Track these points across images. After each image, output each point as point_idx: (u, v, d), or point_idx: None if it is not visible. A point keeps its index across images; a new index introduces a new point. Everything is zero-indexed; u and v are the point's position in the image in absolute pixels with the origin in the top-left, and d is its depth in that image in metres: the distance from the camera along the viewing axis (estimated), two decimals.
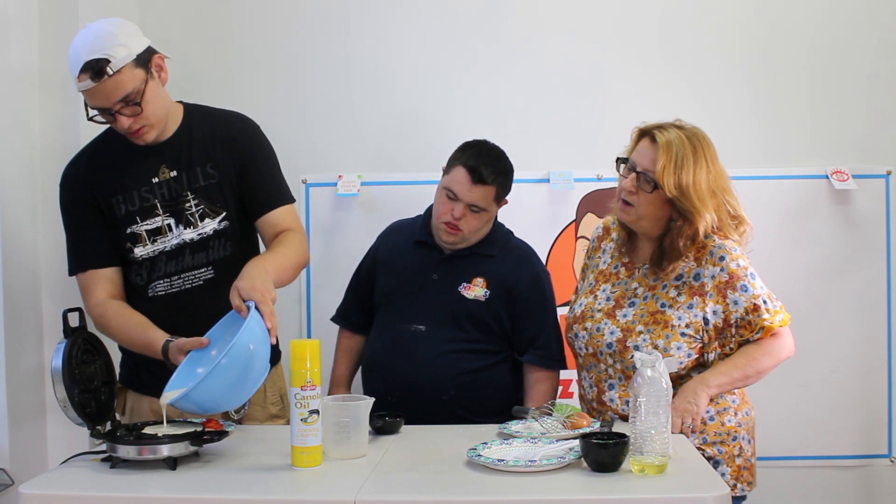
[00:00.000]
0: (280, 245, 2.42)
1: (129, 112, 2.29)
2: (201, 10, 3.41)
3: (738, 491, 2.44)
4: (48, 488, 1.95)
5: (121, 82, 2.25)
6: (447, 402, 2.63)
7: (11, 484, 2.53)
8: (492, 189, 2.66)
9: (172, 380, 2.15)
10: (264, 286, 2.15)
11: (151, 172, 2.41)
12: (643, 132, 2.47)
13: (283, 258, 2.37)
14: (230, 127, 2.49)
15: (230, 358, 2.00)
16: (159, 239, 2.41)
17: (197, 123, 2.46)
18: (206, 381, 1.99)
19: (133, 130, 2.33)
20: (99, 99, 2.27)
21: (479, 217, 2.68)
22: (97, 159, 2.44)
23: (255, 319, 2.06)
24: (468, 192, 2.64)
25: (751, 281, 2.41)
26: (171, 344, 2.22)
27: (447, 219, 2.67)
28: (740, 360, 2.41)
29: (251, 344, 2.04)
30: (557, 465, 1.97)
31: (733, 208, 2.45)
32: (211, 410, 2.10)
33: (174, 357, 2.20)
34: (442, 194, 2.69)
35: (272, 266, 2.29)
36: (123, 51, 2.25)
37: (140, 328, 2.33)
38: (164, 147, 2.42)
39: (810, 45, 3.36)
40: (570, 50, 3.38)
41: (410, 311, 2.69)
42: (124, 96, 2.27)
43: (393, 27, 3.40)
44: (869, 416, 3.37)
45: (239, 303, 2.11)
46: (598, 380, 2.50)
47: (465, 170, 2.65)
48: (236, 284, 2.15)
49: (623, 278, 2.54)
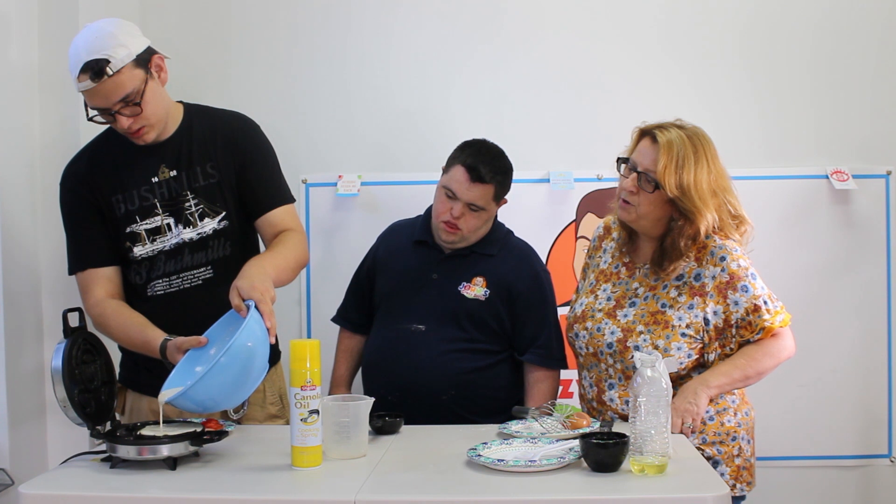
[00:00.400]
0: (279, 245, 2.42)
1: (129, 112, 2.29)
2: (201, 9, 3.41)
3: (738, 491, 2.44)
4: (48, 488, 1.96)
5: (121, 83, 2.25)
6: (447, 402, 2.63)
7: (11, 484, 2.53)
8: (490, 188, 2.66)
9: (170, 378, 2.14)
10: (264, 286, 2.15)
11: (151, 172, 2.41)
12: (644, 132, 2.47)
13: (282, 258, 2.37)
14: (230, 127, 2.49)
15: (229, 356, 1.99)
16: (158, 238, 2.41)
17: (197, 123, 2.46)
18: (204, 380, 1.99)
19: (133, 130, 2.33)
20: (99, 99, 2.27)
21: (478, 216, 2.68)
22: (97, 159, 2.44)
23: (254, 319, 2.06)
24: (466, 190, 2.64)
25: (751, 281, 2.41)
26: (169, 343, 2.22)
27: (446, 218, 2.67)
28: (741, 360, 2.41)
29: (250, 343, 2.04)
30: (557, 465, 1.97)
31: (734, 208, 2.45)
32: (209, 409, 2.10)
33: (172, 356, 2.20)
34: (441, 193, 2.70)
35: (272, 266, 2.28)
36: (123, 51, 2.25)
37: (139, 327, 2.33)
38: (163, 147, 2.42)
39: (811, 45, 3.36)
40: (571, 49, 3.38)
41: (410, 311, 2.70)
42: (124, 96, 2.27)
43: (393, 27, 3.40)
44: (869, 416, 3.37)
45: (238, 302, 2.11)
46: (598, 379, 2.50)
47: (463, 168, 2.65)
48: (236, 284, 2.15)
49: (624, 278, 2.54)
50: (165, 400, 2.05)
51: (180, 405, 2.04)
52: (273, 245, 2.44)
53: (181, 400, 2.02)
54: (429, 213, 2.81)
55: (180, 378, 2.13)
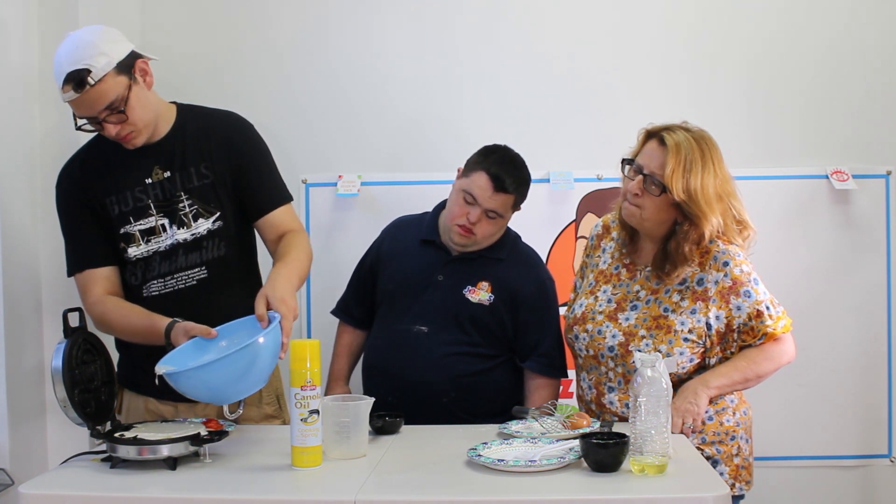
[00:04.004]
0: (294, 251, 2.40)
1: (115, 119, 2.28)
2: (201, 10, 3.40)
3: (737, 490, 2.44)
4: (48, 488, 1.96)
5: (103, 91, 2.24)
6: (447, 405, 2.62)
7: (11, 484, 2.53)
8: (511, 197, 2.65)
9: (169, 355, 2.15)
10: (293, 303, 2.18)
11: (145, 173, 2.41)
12: (650, 133, 2.45)
13: (304, 269, 2.39)
14: (225, 127, 2.48)
15: (242, 353, 2.02)
16: (153, 239, 2.41)
17: (190, 123, 2.45)
18: (210, 367, 2.01)
19: (121, 136, 2.32)
20: (84, 109, 2.27)
21: (494, 223, 2.67)
22: (91, 161, 2.43)
23: (277, 330, 2.09)
24: (489, 198, 2.62)
25: (754, 287, 2.41)
26: (177, 324, 2.22)
27: (462, 221, 2.64)
28: (741, 362, 2.41)
29: (265, 349, 2.06)
30: (557, 465, 1.97)
31: (738, 213, 2.44)
32: (198, 397, 2.11)
33: (176, 338, 2.20)
34: (459, 196, 2.66)
35: (297, 279, 2.32)
36: (104, 59, 2.23)
37: (142, 314, 2.34)
38: (157, 148, 2.41)
39: (811, 45, 3.36)
40: (571, 49, 3.37)
41: (413, 312, 2.68)
42: (108, 104, 2.26)
43: (393, 27, 3.40)
44: (869, 416, 3.37)
45: (263, 312, 2.13)
46: (597, 382, 2.50)
47: (487, 176, 2.61)
48: (266, 293, 2.17)
49: (624, 280, 2.54)
50: (164, 372, 2.05)
51: (175, 380, 2.05)
52: (289, 252, 2.40)
53: (179, 377, 2.03)
54: (437, 212, 2.79)
55: (179, 358, 2.13)
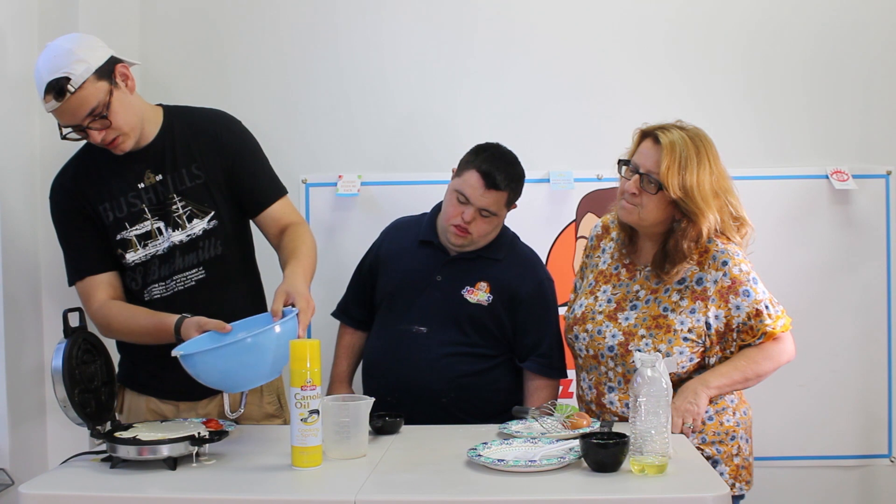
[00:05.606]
0: (304, 245, 2.41)
1: (99, 125, 2.28)
2: (201, 11, 3.40)
3: (737, 490, 2.44)
4: (48, 488, 1.96)
5: (84, 98, 2.24)
6: (446, 405, 2.62)
7: (11, 484, 2.53)
8: (504, 194, 2.65)
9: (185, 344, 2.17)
10: (312, 301, 2.21)
11: (137, 178, 2.40)
12: (645, 133, 2.46)
13: (314, 263, 2.42)
14: (213, 125, 2.47)
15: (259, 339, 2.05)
16: (150, 243, 2.41)
17: (178, 125, 2.44)
18: (227, 348, 2.05)
19: (108, 142, 2.31)
20: (67, 117, 2.26)
21: (489, 221, 2.67)
22: (82, 169, 2.43)
23: (294, 322, 2.12)
24: (481, 196, 2.62)
25: (753, 286, 2.41)
26: (187, 319, 2.23)
27: (457, 221, 2.65)
28: (741, 362, 2.41)
29: (282, 339, 2.08)
30: (557, 465, 1.97)
31: (735, 209, 2.45)
32: (211, 381, 2.12)
33: (187, 332, 2.21)
34: (453, 196, 2.67)
35: (310, 275, 2.35)
36: (82, 66, 2.23)
37: (148, 313, 2.35)
38: (146, 152, 2.40)
39: (811, 45, 3.36)
40: (570, 49, 3.37)
41: (412, 312, 2.69)
42: (90, 111, 2.25)
43: (393, 27, 3.40)
44: (869, 416, 3.37)
45: (279, 307, 2.15)
46: (597, 382, 2.50)
47: (478, 174, 2.62)
48: (286, 289, 2.19)
49: (624, 280, 2.54)
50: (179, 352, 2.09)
51: (191, 363, 2.08)
52: (298, 247, 2.41)
53: (195, 358, 2.07)
54: (435, 213, 2.80)
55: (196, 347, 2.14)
